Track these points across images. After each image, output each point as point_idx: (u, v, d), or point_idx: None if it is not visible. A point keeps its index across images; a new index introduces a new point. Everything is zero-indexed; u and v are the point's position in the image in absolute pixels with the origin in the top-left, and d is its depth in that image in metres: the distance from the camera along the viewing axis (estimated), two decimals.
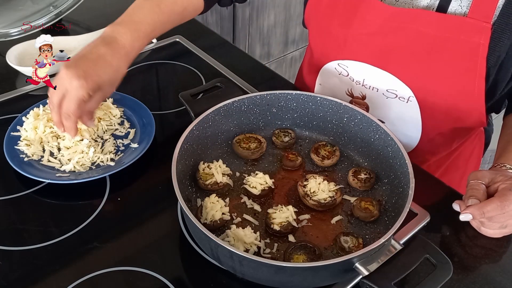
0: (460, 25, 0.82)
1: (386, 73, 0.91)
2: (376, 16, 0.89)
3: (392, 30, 0.88)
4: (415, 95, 0.91)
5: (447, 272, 0.65)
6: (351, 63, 0.95)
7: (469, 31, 0.82)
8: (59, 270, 0.74)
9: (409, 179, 0.75)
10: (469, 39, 0.82)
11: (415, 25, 0.86)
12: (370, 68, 0.93)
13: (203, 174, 0.84)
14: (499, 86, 0.89)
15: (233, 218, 0.79)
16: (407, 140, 1.00)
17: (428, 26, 0.85)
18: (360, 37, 0.92)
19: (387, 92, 0.94)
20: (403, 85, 0.91)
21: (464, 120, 0.92)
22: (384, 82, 0.93)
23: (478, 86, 0.85)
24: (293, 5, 2.20)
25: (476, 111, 0.89)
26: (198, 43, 1.24)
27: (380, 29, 0.89)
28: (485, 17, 0.80)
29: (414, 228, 0.80)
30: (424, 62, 0.87)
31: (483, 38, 0.81)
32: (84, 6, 1.25)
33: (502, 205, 0.73)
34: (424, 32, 0.85)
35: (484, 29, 0.81)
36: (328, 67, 1.00)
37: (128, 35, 0.84)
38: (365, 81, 0.95)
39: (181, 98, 0.93)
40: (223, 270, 0.73)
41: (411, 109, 0.93)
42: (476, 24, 0.81)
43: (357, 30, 0.91)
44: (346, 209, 0.82)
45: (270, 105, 0.93)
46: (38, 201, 0.85)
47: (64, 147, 0.89)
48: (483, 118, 0.90)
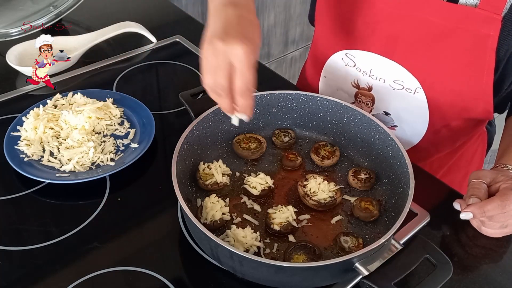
0: (470, 16, 0.82)
1: (393, 63, 0.91)
2: (385, 3, 0.88)
3: (400, 18, 0.88)
4: (422, 85, 0.90)
5: (447, 272, 0.65)
6: (358, 52, 0.95)
7: (479, 22, 0.81)
8: (59, 270, 0.74)
9: (409, 179, 0.75)
10: (478, 30, 0.82)
11: (424, 13, 0.85)
12: (377, 58, 0.93)
13: (203, 174, 0.84)
14: (506, 80, 0.88)
15: (233, 218, 0.79)
16: (412, 133, 0.99)
17: (437, 15, 0.84)
18: (368, 25, 0.91)
19: (394, 83, 0.93)
20: (410, 76, 0.90)
21: (471, 110, 0.92)
22: (391, 72, 0.92)
23: (486, 77, 0.85)
24: (293, 5, 2.20)
25: (483, 101, 0.88)
26: (198, 43, 1.24)
27: (389, 16, 0.88)
28: (495, 9, 0.80)
29: (414, 228, 0.80)
30: (431, 51, 0.87)
31: (492, 29, 0.80)
32: (84, 6, 1.25)
33: (502, 205, 0.73)
34: (432, 21, 0.85)
35: (494, 21, 0.80)
36: (335, 58, 1.00)
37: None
38: (372, 71, 0.95)
39: (181, 98, 0.93)
40: (223, 270, 0.73)
41: (417, 101, 0.93)
42: (486, 15, 0.80)
43: (366, 18, 0.91)
44: (346, 209, 0.82)
45: (270, 105, 0.93)
46: (38, 201, 0.85)
47: (65, 148, 0.89)
48: (490, 108, 0.90)
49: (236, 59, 0.64)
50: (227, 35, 0.65)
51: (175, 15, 1.39)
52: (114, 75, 1.13)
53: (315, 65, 1.08)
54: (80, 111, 0.93)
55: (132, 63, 1.18)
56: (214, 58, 0.65)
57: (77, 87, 1.08)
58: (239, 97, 0.67)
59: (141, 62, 1.18)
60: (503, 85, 0.89)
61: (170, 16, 1.38)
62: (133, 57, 1.20)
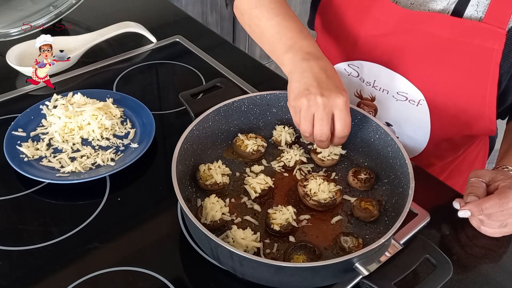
0: (475, 30, 0.82)
1: (397, 75, 0.91)
2: (389, 18, 0.88)
3: (405, 31, 0.88)
4: (426, 98, 0.90)
5: (447, 272, 0.65)
6: (362, 63, 0.95)
7: (484, 36, 0.81)
8: (59, 270, 0.74)
9: (409, 179, 0.75)
10: (483, 44, 0.82)
11: (428, 27, 0.85)
12: (381, 69, 0.92)
13: (203, 174, 0.84)
14: (510, 93, 0.88)
15: (233, 218, 0.79)
16: (414, 144, 0.99)
17: (441, 29, 0.84)
18: (372, 38, 0.91)
19: (397, 95, 0.93)
20: (414, 88, 0.90)
21: (473, 127, 0.92)
22: (395, 84, 0.92)
23: (490, 92, 0.85)
24: (293, 5, 2.20)
25: (486, 117, 0.88)
26: (198, 43, 1.24)
27: (393, 30, 0.89)
28: (500, 23, 0.80)
29: (414, 228, 0.80)
30: (436, 64, 0.87)
31: (497, 44, 0.81)
32: (84, 6, 1.25)
33: (500, 202, 0.73)
34: (437, 35, 0.85)
35: (499, 35, 0.80)
36: (337, 67, 1.00)
37: (312, 43, 0.83)
38: (376, 82, 0.95)
39: (181, 98, 0.93)
40: (223, 270, 0.73)
41: (420, 113, 0.93)
42: (491, 29, 0.81)
43: (369, 31, 0.91)
44: (346, 209, 0.82)
45: (270, 105, 0.93)
46: (38, 201, 0.85)
47: None
48: (492, 126, 0.90)
49: (338, 109, 0.76)
50: (323, 89, 0.76)
51: (175, 15, 1.39)
52: (114, 75, 1.13)
53: None
54: (80, 112, 0.93)
55: (132, 63, 1.18)
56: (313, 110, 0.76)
57: (77, 87, 1.08)
58: (339, 138, 0.79)
59: (141, 62, 1.18)
60: (506, 98, 0.89)
61: (170, 16, 1.39)
62: (133, 57, 1.20)
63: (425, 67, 0.88)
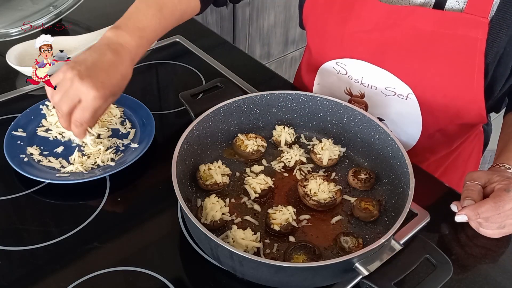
0: (457, 21, 0.83)
1: (383, 70, 0.92)
2: (372, 14, 0.89)
3: (388, 27, 0.88)
4: (414, 91, 0.91)
5: (447, 272, 0.65)
6: (349, 61, 0.95)
7: (466, 26, 0.82)
8: (59, 270, 0.74)
9: (409, 179, 0.75)
10: (466, 34, 0.82)
11: (411, 21, 0.86)
12: (368, 66, 0.93)
13: (203, 174, 0.84)
14: (498, 82, 0.89)
15: (233, 218, 0.79)
16: (407, 138, 1.00)
17: (424, 22, 0.85)
18: (356, 34, 0.92)
19: (386, 90, 0.94)
20: (401, 83, 0.91)
21: (464, 116, 0.92)
22: (382, 80, 0.93)
23: (476, 81, 0.85)
24: (293, 5, 2.20)
25: (475, 106, 0.89)
26: (198, 43, 1.24)
27: (376, 26, 0.89)
28: (482, 12, 0.81)
29: (414, 228, 0.80)
30: (421, 58, 0.88)
31: (480, 33, 0.81)
32: (84, 6, 1.25)
33: (496, 206, 0.73)
34: (420, 28, 0.86)
35: (481, 24, 0.81)
36: (326, 66, 1.00)
37: (133, 42, 0.84)
38: (364, 79, 0.95)
39: (181, 98, 0.93)
40: (223, 270, 0.73)
41: (410, 106, 0.93)
42: (473, 19, 0.81)
43: (353, 28, 0.92)
44: (346, 209, 0.82)
45: (270, 105, 0.93)
46: (38, 201, 0.85)
47: None
48: (483, 113, 0.90)
49: (83, 98, 0.77)
50: (89, 77, 0.77)
51: None
52: None
53: (309, 72, 1.09)
54: None
55: None
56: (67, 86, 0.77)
57: None
58: (74, 126, 0.80)
59: (141, 62, 1.18)
60: (495, 88, 0.90)
61: None
62: None
63: (411, 61, 0.89)
